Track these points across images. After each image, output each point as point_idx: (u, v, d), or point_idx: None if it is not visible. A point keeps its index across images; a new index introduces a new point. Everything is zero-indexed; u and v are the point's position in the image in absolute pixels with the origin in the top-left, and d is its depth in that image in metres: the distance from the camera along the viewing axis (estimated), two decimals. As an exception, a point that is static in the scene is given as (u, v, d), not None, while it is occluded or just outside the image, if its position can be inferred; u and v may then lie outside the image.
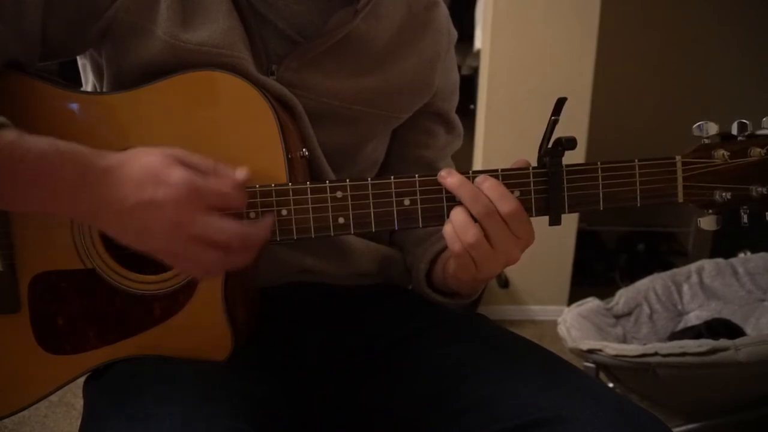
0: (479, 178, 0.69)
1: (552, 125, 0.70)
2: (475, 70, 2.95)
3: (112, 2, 0.73)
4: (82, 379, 0.78)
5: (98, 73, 0.81)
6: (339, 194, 0.70)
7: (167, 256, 0.66)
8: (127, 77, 0.76)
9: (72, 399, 1.95)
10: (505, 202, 0.68)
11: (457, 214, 0.69)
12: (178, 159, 0.64)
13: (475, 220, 0.68)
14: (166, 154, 0.64)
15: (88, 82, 0.84)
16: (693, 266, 2.12)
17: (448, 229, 0.69)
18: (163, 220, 0.62)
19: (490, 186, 0.69)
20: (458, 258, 0.71)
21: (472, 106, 2.88)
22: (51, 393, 0.76)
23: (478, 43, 2.89)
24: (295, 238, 0.71)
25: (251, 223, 0.67)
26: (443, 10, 0.91)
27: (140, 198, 0.62)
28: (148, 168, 0.62)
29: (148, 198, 0.62)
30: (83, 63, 0.85)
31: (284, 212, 0.70)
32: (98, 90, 0.82)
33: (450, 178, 0.69)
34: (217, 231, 0.63)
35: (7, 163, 0.60)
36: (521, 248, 0.71)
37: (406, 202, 0.71)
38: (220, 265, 0.66)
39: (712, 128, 0.70)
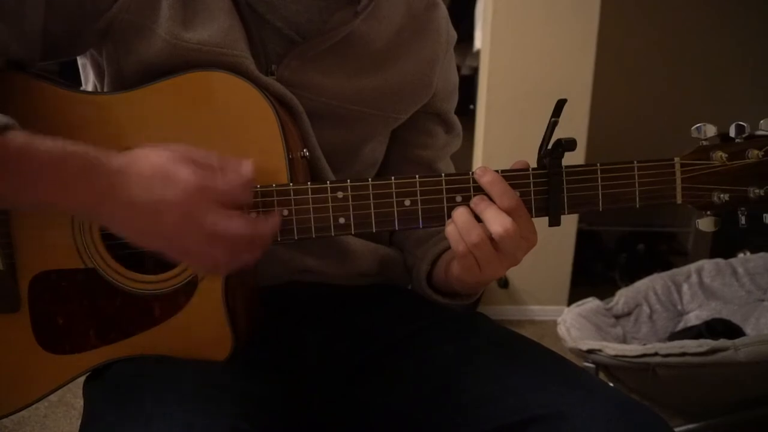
0: (478, 171, 0.70)
1: (552, 127, 0.70)
2: (475, 70, 2.96)
3: (114, 2, 0.73)
4: (82, 379, 0.78)
5: (99, 73, 0.81)
6: (340, 194, 0.70)
7: (174, 252, 0.66)
8: (128, 77, 0.76)
9: (72, 399, 1.95)
10: (505, 197, 0.69)
11: (461, 215, 0.69)
12: (185, 157, 0.64)
13: (479, 220, 0.69)
14: (173, 152, 0.64)
15: (89, 81, 0.85)
16: (693, 266, 2.11)
17: (451, 229, 0.70)
18: (172, 220, 0.62)
19: (491, 181, 0.69)
20: (462, 259, 0.71)
21: (471, 106, 2.88)
22: (51, 393, 0.76)
23: (477, 43, 2.90)
24: (296, 238, 0.71)
25: (258, 220, 0.67)
26: (442, 11, 0.91)
27: (150, 197, 0.62)
28: (157, 167, 0.63)
29: (157, 198, 0.62)
30: (83, 62, 0.85)
31: (285, 212, 0.70)
32: (99, 90, 0.82)
33: (485, 176, 0.70)
34: (225, 227, 0.64)
35: (16, 162, 0.60)
36: (525, 250, 0.71)
37: (407, 202, 0.71)
38: (227, 261, 0.66)
39: (711, 130, 0.71)
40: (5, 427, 1.78)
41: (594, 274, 3.37)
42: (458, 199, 0.70)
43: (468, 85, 2.89)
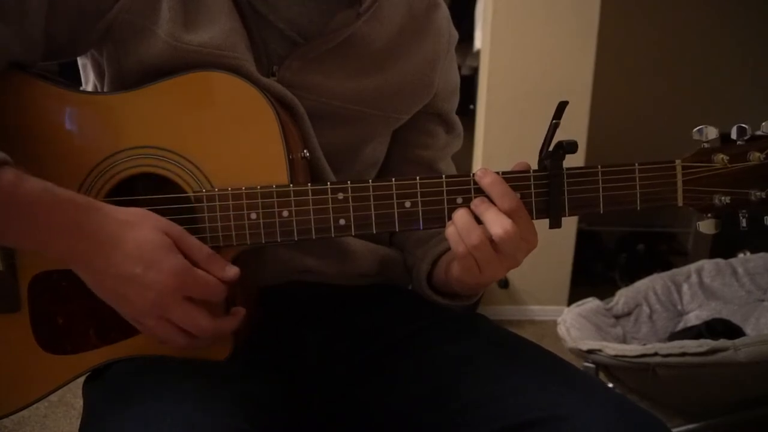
0: (479, 172, 0.70)
1: (553, 129, 0.70)
2: (475, 70, 2.95)
3: (115, 2, 0.73)
4: (82, 379, 0.78)
5: (99, 73, 0.81)
6: (340, 196, 0.70)
7: (136, 324, 0.69)
8: (128, 77, 0.76)
9: (72, 399, 1.95)
10: (506, 199, 0.69)
11: (461, 216, 0.69)
12: (174, 241, 0.66)
13: (479, 222, 0.69)
14: (164, 234, 0.66)
15: (89, 81, 0.85)
16: (693, 266, 2.11)
17: (451, 230, 0.70)
18: (143, 299, 0.65)
19: (491, 182, 0.69)
20: (462, 260, 0.71)
21: (472, 106, 2.88)
22: (51, 393, 0.76)
23: (478, 43, 2.90)
24: (296, 239, 0.71)
25: (220, 320, 0.70)
26: (444, 12, 0.91)
27: (129, 272, 0.64)
28: (144, 247, 0.65)
29: (136, 276, 0.64)
30: (83, 62, 0.85)
31: (285, 213, 0.70)
32: (99, 90, 0.82)
33: (486, 178, 0.70)
34: (191, 321, 0.67)
35: (3, 203, 0.61)
36: (525, 251, 0.71)
37: (407, 204, 0.71)
38: (184, 345, 0.69)
39: (712, 132, 0.70)
40: (5, 427, 1.78)
41: (594, 274, 3.37)
42: (459, 200, 0.70)
43: (468, 85, 2.89)
